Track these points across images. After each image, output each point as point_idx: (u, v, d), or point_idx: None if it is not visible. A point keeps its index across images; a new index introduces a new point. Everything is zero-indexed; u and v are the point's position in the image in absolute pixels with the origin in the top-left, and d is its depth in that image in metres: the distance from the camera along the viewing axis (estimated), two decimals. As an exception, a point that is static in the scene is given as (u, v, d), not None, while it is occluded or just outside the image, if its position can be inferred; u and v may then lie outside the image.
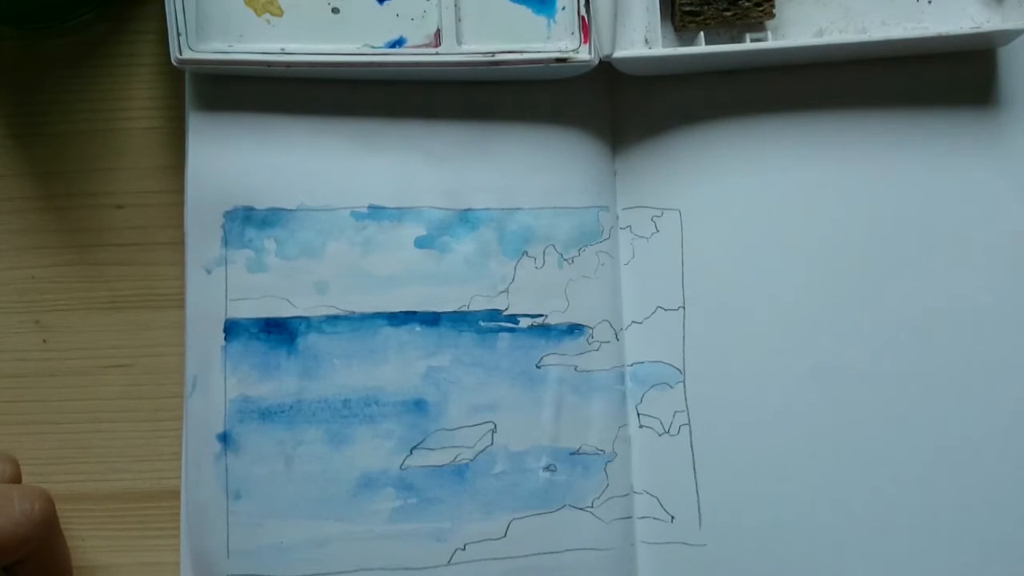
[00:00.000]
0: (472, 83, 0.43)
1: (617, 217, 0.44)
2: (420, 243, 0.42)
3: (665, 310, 0.43)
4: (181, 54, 0.40)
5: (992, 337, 0.43)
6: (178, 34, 0.40)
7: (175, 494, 0.42)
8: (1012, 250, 0.43)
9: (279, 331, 0.41)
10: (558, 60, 0.41)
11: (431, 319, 0.42)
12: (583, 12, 0.42)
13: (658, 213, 0.44)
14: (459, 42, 0.42)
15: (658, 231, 0.44)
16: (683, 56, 0.42)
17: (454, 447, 0.42)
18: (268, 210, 0.42)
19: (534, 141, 0.43)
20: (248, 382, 0.41)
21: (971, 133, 0.44)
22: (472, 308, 0.42)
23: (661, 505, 0.42)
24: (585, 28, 0.42)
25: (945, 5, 0.43)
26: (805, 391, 0.43)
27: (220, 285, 0.41)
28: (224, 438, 0.41)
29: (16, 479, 0.39)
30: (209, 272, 0.41)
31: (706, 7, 0.42)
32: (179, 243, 0.43)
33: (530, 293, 0.43)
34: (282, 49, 0.41)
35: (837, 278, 0.43)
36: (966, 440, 0.42)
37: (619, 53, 0.42)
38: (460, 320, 0.42)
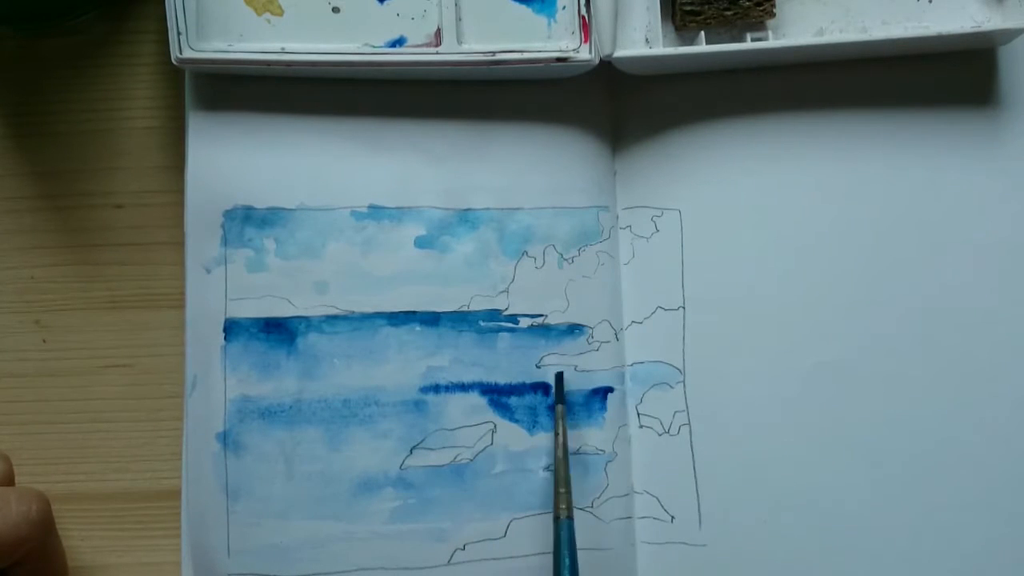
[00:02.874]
0: (472, 83, 0.43)
1: (617, 217, 0.44)
2: (420, 243, 0.42)
3: (665, 310, 0.43)
4: (181, 53, 0.40)
5: (992, 336, 0.43)
6: (178, 33, 0.40)
7: (175, 494, 0.42)
8: (1012, 250, 0.43)
9: (279, 331, 0.41)
10: (558, 60, 0.41)
11: (431, 319, 0.42)
12: (583, 12, 0.42)
13: (658, 213, 0.44)
14: (459, 41, 0.42)
15: (658, 231, 0.44)
16: (683, 56, 0.42)
17: (454, 447, 0.42)
18: (268, 210, 0.42)
19: (534, 141, 0.43)
20: (248, 382, 0.41)
21: (971, 133, 0.44)
22: (472, 308, 0.42)
23: (661, 505, 0.42)
24: (585, 28, 0.42)
25: (946, 4, 0.43)
26: (805, 391, 0.43)
27: (220, 285, 0.41)
28: (224, 438, 0.41)
29: (8, 477, 0.39)
30: (209, 272, 0.41)
31: (707, 6, 0.42)
32: (179, 243, 0.43)
33: (530, 293, 0.43)
34: (282, 48, 0.41)
35: (837, 278, 0.43)
36: (966, 439, 0.42)
37: (619, 53, 0.42)
38: (460, 320, 0.42)
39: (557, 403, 0.42)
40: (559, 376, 0.42)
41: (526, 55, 0.41)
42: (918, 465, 0.42)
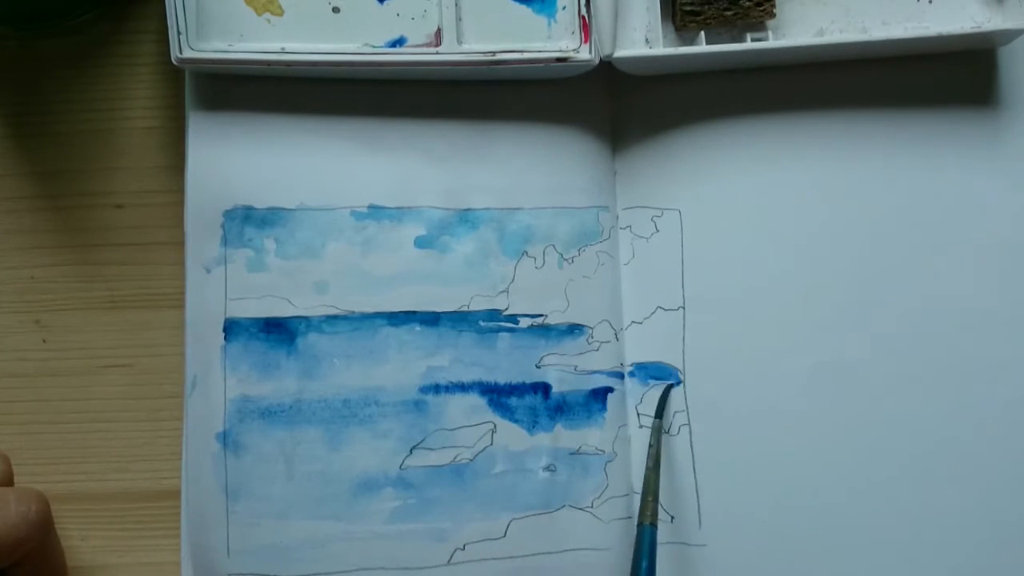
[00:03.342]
0: (472, 83, 0.43)
1: (617, 217, 0.44)
2: (420, 243, 0.42)
3: (665, 310, 0.43)
4: (181, 53, 0.40)
5: (991, 336, 0.43)
6: (178, 33, 0.40)
7: (175, 494, 0.42)
8: (1012, 250, 0.43)
9: (279, 331, 0.41)
10: (558, 60, 0.41)
11: (431, 319, 0.42)
12: (583, 12, 0.42)
13: (658, 213, 0.44)
14: (459, 41, 0.42)
15: (658, 231, 0.44)
16: (683, 56, 0.42)
17: (454, 447, 0.42)
18: (268, 209, 0.42)
19: (534, 141, 0.43)
20: (248, 382, 0.41)
21: (971, 133, 0.44)
22: (472, 308, 0.42)
23: (661, 505, 0.42)
24: (585, 28, 0.42)
25: (946, 5, 0.43)
26: (805, 391, 0.43)
27: (220, 284, 0.41)
28: (224, 438, 0.41)
29: (8, 477, 0.39)
30: (209, 271, 0.41)
31: (707, 7, 0.42)
32: (179, 243, 0.43)
33: (530, 293, 0.43)
34: (282, 48, 0.41)
35: (837, 278, 0.43)
36: (966, 440, 0.42)
37: (619, 53, 0.42)
38: (460, 320, 0.42)
39: (656, 416, 0.42)
40: (667, 389, 0.43)
41: (526, 55, 0.41)
42: (918, 465, 0.42)
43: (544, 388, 0.42)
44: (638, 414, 0.43)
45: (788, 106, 0.44)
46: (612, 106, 0.44)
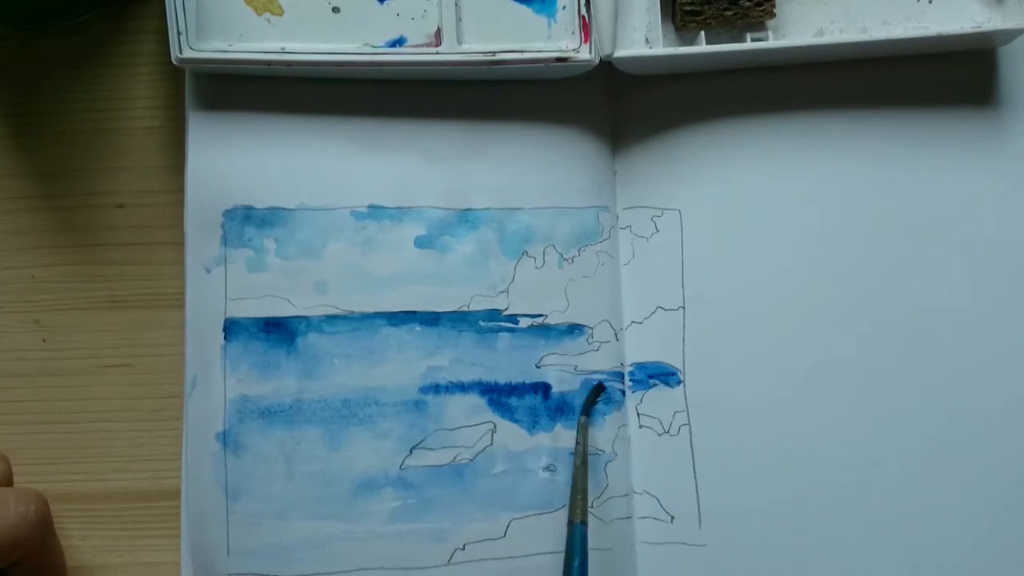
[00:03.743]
0: (472, 83, 0.43)
1: (617, 217, 0.44)
2: (420, 243, 0.42)
3: (665, 310, 0.43)
4: (181, 53, 0.40)
5: (991, 336, 0.43)
6: (178, 33, 0.40)
7: (175, 494, 0.42)
8: (1012, 250, 0.43)
9: (279, 331, 0.41)
10: (558, 60, 0.41)
11: (431, 319, 0.42)
12: (583, 12, 0.42)
13: (658, 213, 0.44)
14: (459, 41, 0.42)
15: (658, 231, 0.44)
16: (684, 56, 0.42)
17: (454, 447, 0.42)
18: (268, 209, 0.42)
19: (534, 141, 0.43)
20: (248, 382, 0.41)
21: (971, 133, 0.44)
22: (472, 308, 0.42)
23: (661, 505, 0.42)
24: (585, 28, 0.42)
25: (946, 5, 0.43)
26: (805, 391, 0.43)
27: (220, 284, 0.41)
28: (224, 437, 0.41)
29: (7, 478, 0.39)
30: (209, 271, 0.41)
31: (707, 7, 0.42)
32: (179, 243, 0.43)
33: (530, 293, 0.43)
34: (282, 48, 0.41)
35: (837, 278, 0.43)
36: (966, 439, 0.42)
37: (619, 53, 0.42)
38: (460, 320, 0.42)
39: (582, 414, 0.42)
40: (596, 388, 0.42)
41: (526, 55, 0.41)
42: (917, 465, 0.42)
43: (544, 388, 0.42)
44: (638, 414, 0.43)
45: (788, 106, 0.44)
46: (612, 106, 0.44)
